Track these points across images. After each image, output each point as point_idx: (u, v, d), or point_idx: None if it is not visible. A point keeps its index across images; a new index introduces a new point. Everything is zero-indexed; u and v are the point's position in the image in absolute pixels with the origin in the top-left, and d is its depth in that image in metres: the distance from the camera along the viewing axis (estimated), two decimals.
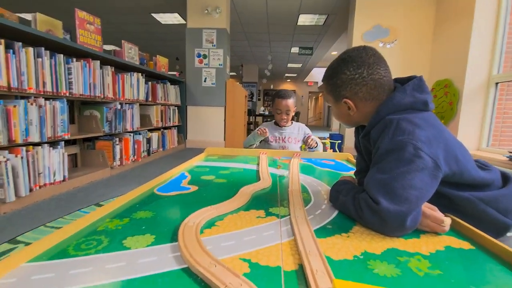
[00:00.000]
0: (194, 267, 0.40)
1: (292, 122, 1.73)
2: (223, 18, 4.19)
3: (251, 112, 6.46)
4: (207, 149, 1.48)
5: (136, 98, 2.88)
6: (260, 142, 1.70)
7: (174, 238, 0.50)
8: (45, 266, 0.41)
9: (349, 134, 4.03)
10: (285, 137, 1.67)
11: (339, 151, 3.81)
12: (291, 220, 0.58)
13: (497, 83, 2.88)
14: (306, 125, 1.78)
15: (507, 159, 2.31)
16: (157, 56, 3.63)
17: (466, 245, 0.51)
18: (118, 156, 2.51)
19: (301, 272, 0.41)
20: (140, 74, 2.93)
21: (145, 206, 0.67)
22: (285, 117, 1.63)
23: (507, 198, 0.61)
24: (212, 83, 4.30)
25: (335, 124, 9.66)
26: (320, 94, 14.17)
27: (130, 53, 2.88)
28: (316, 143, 1.57)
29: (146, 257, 0.43)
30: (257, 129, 1.65)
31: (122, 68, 2.83)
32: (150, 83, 3.22)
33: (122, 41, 2.82)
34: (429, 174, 0.55)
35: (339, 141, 4.04)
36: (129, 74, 2.73)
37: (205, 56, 4.28)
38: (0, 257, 1.06)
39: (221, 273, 0.38)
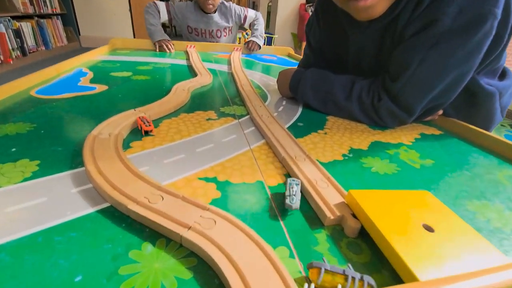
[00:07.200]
0: (123, 205, 0.23)
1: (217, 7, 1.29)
2: None
3: None
4: (112, 40, 1.09)
5: None
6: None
7: (77, 160, 0.30)
8: None
9: (277, 30, 3.77)
10: (212, 31, 1.32)
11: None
12: (255, 120, 0.44)
13: None
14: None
15: None
16: None
17: (435, 131, 0.49)
18: None
19: None
20: None
21: (17, 115, 0.40)
22: None
23: (508, 92, 0.53)
24: None
25: None
26: None
27: None
28: (259, 45, 1.19)
29: (20, 202, 0.23)
30: (161, 40, 1.08)
31: None
32: None
33: None
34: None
35: (275, 36, 3.73)
36: None
37: None
38: None
39: (174, 209, 0.22)
